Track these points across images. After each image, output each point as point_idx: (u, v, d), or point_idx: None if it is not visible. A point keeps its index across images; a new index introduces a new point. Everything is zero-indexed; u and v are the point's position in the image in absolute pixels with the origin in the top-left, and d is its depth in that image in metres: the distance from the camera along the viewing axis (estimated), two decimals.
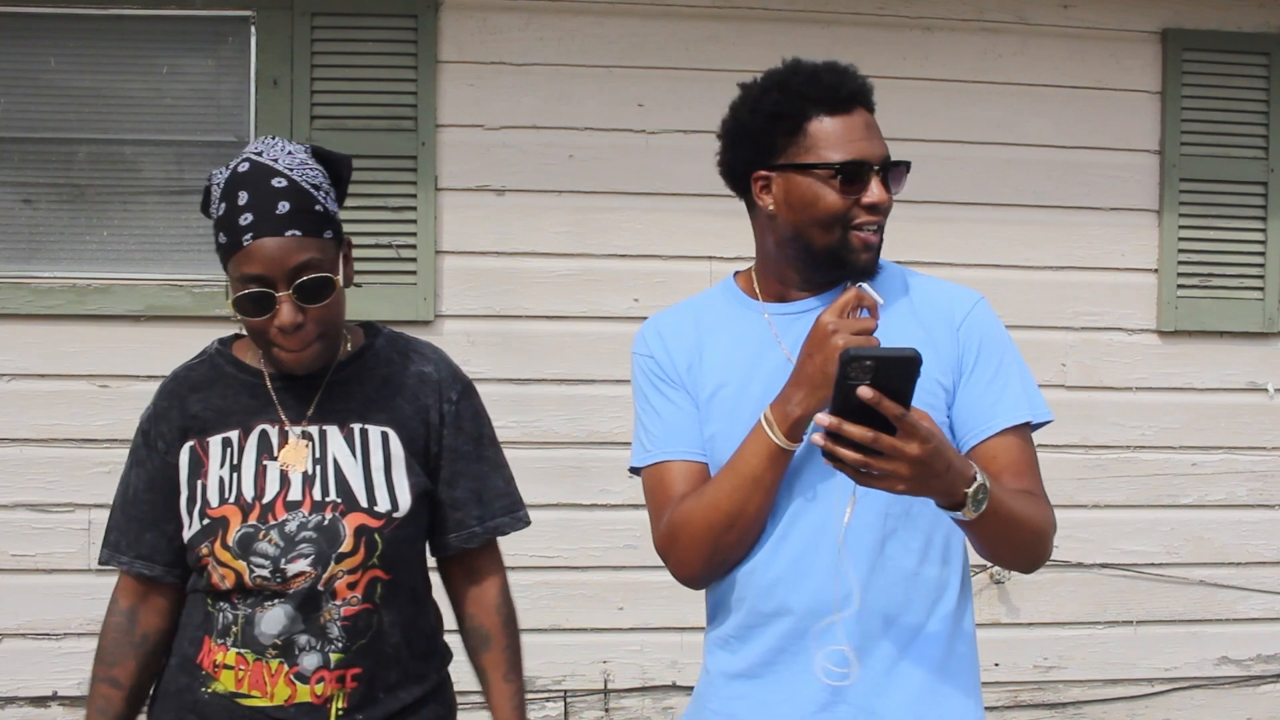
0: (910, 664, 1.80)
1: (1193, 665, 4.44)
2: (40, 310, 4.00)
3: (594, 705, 4.17)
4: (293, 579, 1.87)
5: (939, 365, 1.80)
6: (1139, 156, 4.36)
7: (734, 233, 4.30)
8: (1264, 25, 4.40)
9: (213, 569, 1.89)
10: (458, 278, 4.09)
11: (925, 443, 1.50)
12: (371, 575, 1.90)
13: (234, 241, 1.83)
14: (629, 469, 1.96)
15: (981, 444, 1.79)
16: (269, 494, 1.90)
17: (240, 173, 1.86)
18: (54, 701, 4.03)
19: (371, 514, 1.90)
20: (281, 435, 1.93)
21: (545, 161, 4.13)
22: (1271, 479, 4.44)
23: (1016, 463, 1.78)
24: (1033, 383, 1.86)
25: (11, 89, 4.06)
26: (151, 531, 1.97)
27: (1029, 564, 1.81)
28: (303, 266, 1.82)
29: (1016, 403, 1.81)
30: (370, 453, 1.93)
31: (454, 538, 2.02)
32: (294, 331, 1.83)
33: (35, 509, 4.00)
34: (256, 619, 1.88)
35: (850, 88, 1.80)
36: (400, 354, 2.02)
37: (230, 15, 4.04)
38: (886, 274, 1.90)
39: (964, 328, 1.83)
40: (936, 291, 1.88)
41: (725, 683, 1.91)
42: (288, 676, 1.87)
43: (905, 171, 1.82)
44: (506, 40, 4.12)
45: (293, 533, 1.87)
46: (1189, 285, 4.37)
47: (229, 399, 1.96)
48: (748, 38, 4.17)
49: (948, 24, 4.23)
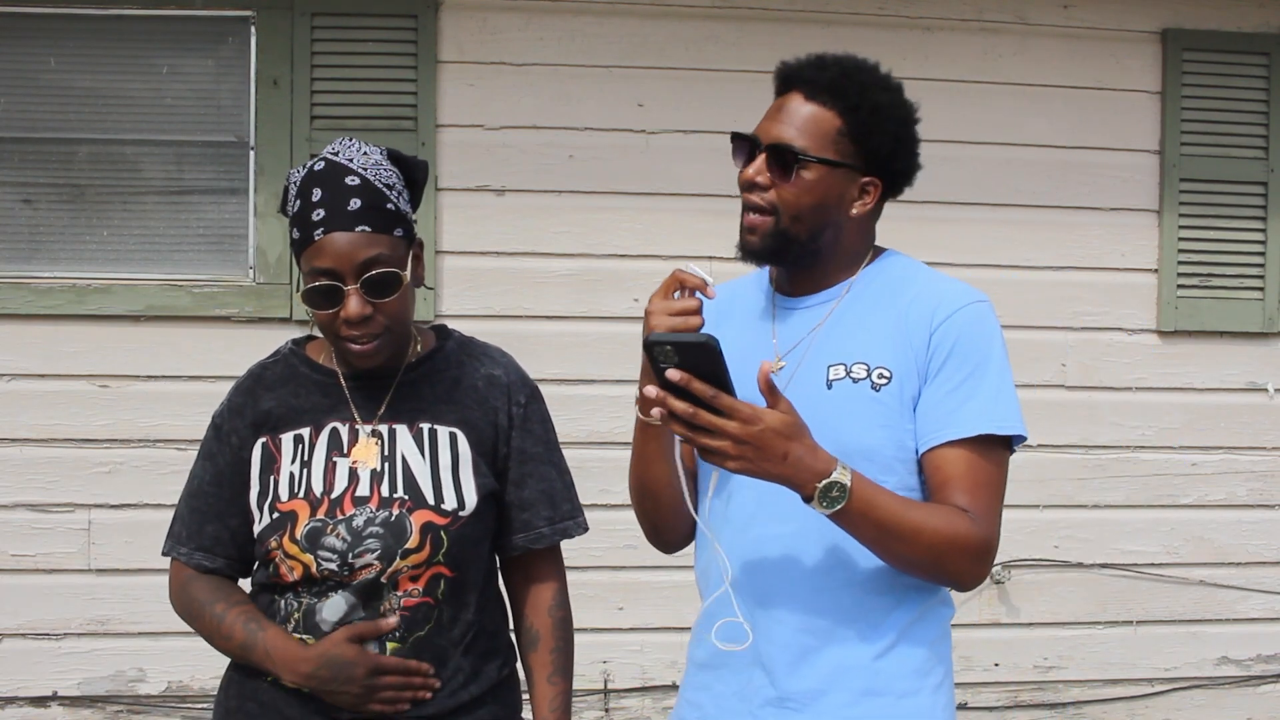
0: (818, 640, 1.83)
1: (1193, 665, 4.44)
2: (40, 310, 4.00)
3: (594, 705, 4.17)
4: (359, 572, 1.90)
5: (899, 360, 1.81)
6: (1139, 156, 4.36)
7: (734, 233, 4.29)
8: (1264, 25, 4.40)
9: (281, 561, 1.93)
10: (458, 278, 4.09)
11: (747, 424, 1.58)
12: (435, 571, 1.93)
13: (306, 236, 1.88)
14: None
15: (930, 452, 1.79)
16: (337, 489, 1.93)
17: (316, 171, 1.91)
18: (54, 701, 4.03)
19: (438, 511, 1.93)
20: (352, 433, 1.97)
21: (545, 161, 4.13)
22: (1271, 479, 4.45)
23: (961, 477, 1.77)
24: (1008, 397, 1.81)
25: (11, 89, 4.06)
26: (214, 524, 2.00)
27: (933, 578, 1.79)
28: (371, 261, 1.86)
29: (977, 415, 1.78)
30: (439, 452, 1.97)
31: (520, 538, 2.05)
32: (360, 324, 1.87)
33: (35, 509, 4.00)
34: (318, 606, 1.91)
35: (784, 72, 1.90)
36: (470, 357, 2.06)
37: (230, 15, 4.04)
38: (887, 264, 1.93)
39: (940, 330, 1.81)
40: (931, 289, 1.87)
41: (694, 671, 1.98)
42: None
43: (774, 153, 1.83)
44: (506, 40, 4.12)
45: (360, 528, 1.91)
46: (1189, 285, 4.37)
47: (302, 397, 2.00)
48: (748, 38, 4.17)
49: (948, 24, 4.23)
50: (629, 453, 1.95)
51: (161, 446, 4.01)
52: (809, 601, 1.82)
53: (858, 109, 1.84)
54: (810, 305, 1.91)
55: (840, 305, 1.89)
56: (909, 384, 1.81)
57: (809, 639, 1.82)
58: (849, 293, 1.90)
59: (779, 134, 1.84)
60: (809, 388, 1.82)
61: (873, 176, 1.87)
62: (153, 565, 3.96)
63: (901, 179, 1.92)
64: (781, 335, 1.91)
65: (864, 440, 1.79)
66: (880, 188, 1.89)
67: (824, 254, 1.89)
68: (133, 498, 4.01)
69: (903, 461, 1.81)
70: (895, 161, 1.89)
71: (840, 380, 1.82)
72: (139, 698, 4.03)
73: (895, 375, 1.81)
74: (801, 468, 1.63)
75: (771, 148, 1.84)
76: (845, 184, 1.86)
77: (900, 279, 1.90)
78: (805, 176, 1.83)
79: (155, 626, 3.96)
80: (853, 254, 1.92)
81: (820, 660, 1.82)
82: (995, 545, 1.79)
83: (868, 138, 1.85)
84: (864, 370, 1.82)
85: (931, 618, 1.87)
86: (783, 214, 1.84)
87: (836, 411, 1.79)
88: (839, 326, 1.88)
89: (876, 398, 1.80)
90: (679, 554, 2.10)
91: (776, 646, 1.83)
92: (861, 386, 1.81)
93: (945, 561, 1.74)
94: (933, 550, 1.72)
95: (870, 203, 1.88)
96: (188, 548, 2.01)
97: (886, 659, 1.82)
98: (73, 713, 4.03)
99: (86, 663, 4.01)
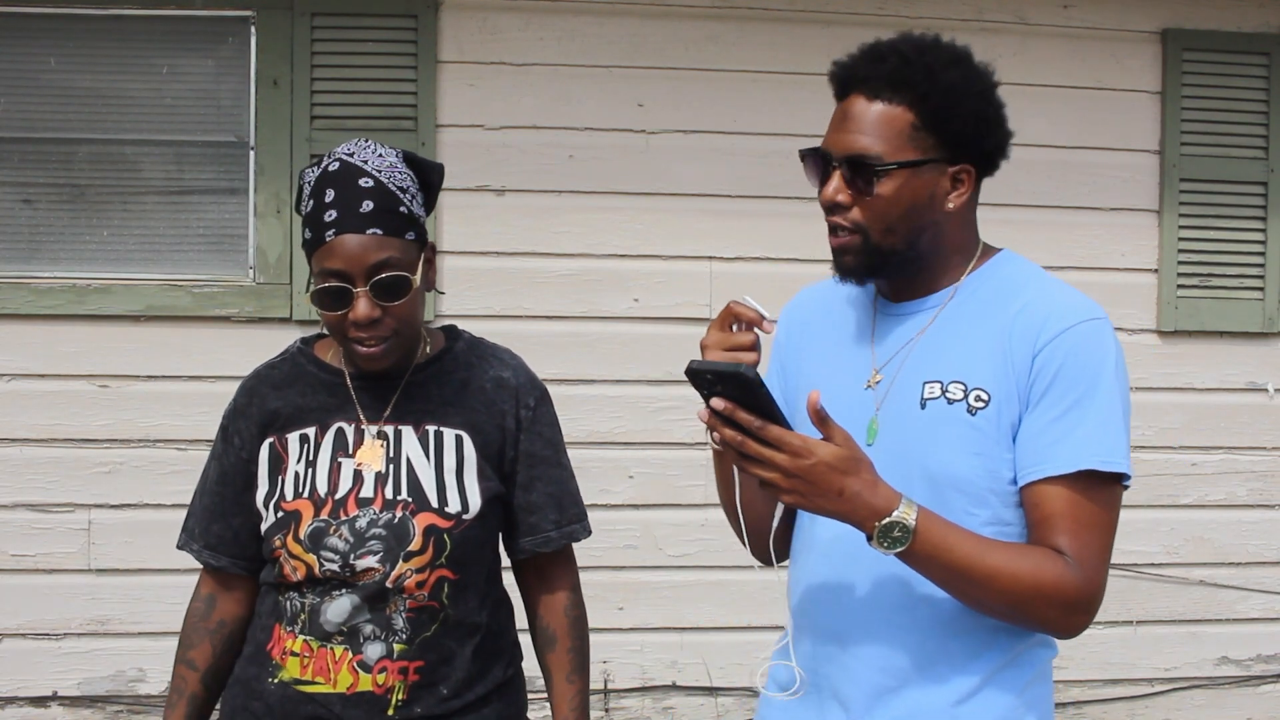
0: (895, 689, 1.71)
1: (1193, 665, 4.44)
2: (40, 310, 4.00)
3: (594, 705, 4.17)
4: (361, 574, 1.90)
5: (999, 382, 1.65)
6: (1139, 156, 4.36)
7: (734, 233, 4.31)
8: (1264, 25, 4.40)
9: (285, 560, 1.93)
10: (458, 278, 4.09)
11: (797, 456, 1.50)
12: (439, 574, 1.93)
13: (317, 237, 1.88)
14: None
15: (1029, 487, 1.64)
16: (341, 490, 1.94)
17: (330, 171, 1.90)
18: (54, 701, 4.03)
19: (441, 514, 1.93)
20: (358, 434, 1.97)
21: (545, 161, 4.13)
22: (1271, 479, 4.45)
23: (1061, 516, 1.61)
24: (1116, 430, 1.63)
25: (11, 89, 4.06)
26: (218, 523, 2.02)
27: (1020, 625, 1.65)
28: (381, 264, 1.86)
29: (1081, 448, 1.61)
30: (444, 454, 1.96)
31: (527, 542, 2.05)
32: (369, 326, 1.87)
33: (35, 509, 4.00)
34: (323, 607, 1.92)
35: (840, 74, 1.72)
36: (479, 358, 2.06)
37: (230, 15, 4.04)
38: (998, 267, 1.76)
39: (1045, 351, 1.64)
40: (1041, 302, 1.68)
41: (774, 692, 1.87)
42: (351, 664, 1.91)
43: (849, 167, 1.67)
44: (506, 40, 4.12)
45: (363, 529, 1.91)
46: (1189, 285, 4.37)
47: (308, 396, 2.00)
48: (748, 38, 4.17)
49: (948, 24, 4.22)
50: (629, 453, 1.95)
51: (161, 446, 4.01)
52: (889, 639, 1.70)
53: (928, 96, 1.66)
54: (912, 313, 1.75)
55: (943, 313, 1.73)
56: (1008, 409, 1.65)
57: (887, 679, 1.70)
58: (953, 299, 1.74)
59: (849, 144, 1.67)
60: (902, 405, 1.69)
61: (963, 163, 1.70)
62: (153, 565, 4.00)
63: (996, 155, 1.74)
64: (880, 344, 1.76)
65: (955, 469, 1.65)
66: (974, 173, 1.71)
67: (929, 256, 1.73)
68: (133, 498, 4.01)
69: (997, 494, 1.66)
70: (983, 140, 1.70)
71: (935, 400, 1.68)
72: (139, 698, 4.03)
73: (994, 399, 1.65)
74: (859, 504, 1.53)
75: (846, 162, 1.67)
76: (934, 180, 1.68)
77: (1010, 286, 1.73)
78: (888, 185, 1.66)
79: (155, 626, 3.96)
80: (958, 251, 1.75)
81: (897, 702, 1.69)
82: (1098, 593, 1.64)
83: (946, 124, 1.67)
84: (960, 390, 1.66)
85: (1025, 662, 1.72)
86: (871, 231, 1.68)
87: (928, 435, 1.66)
88: (939, 338, 1.72)
89: (972, 422, 1.65)
90: (678, 555, 2.10)
91: (853, 684, 1.72)
92: (957, 409, 1.66)
93: (1030, 609, 1.60)
94: (1013, 597, 1.59)
95: (967, 191, 1.71)
96: (198, 544, 2.04)
97: (968, 705, 1.68)
98: (73, 713, 4.03)
99: (86, 663, 4.01)
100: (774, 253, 4.14)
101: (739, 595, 4.13)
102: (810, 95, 4.31)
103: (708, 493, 4.25)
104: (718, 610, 4.16)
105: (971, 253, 1.76)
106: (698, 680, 4.19)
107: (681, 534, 4.07)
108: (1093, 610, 1.64)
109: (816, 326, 1.86)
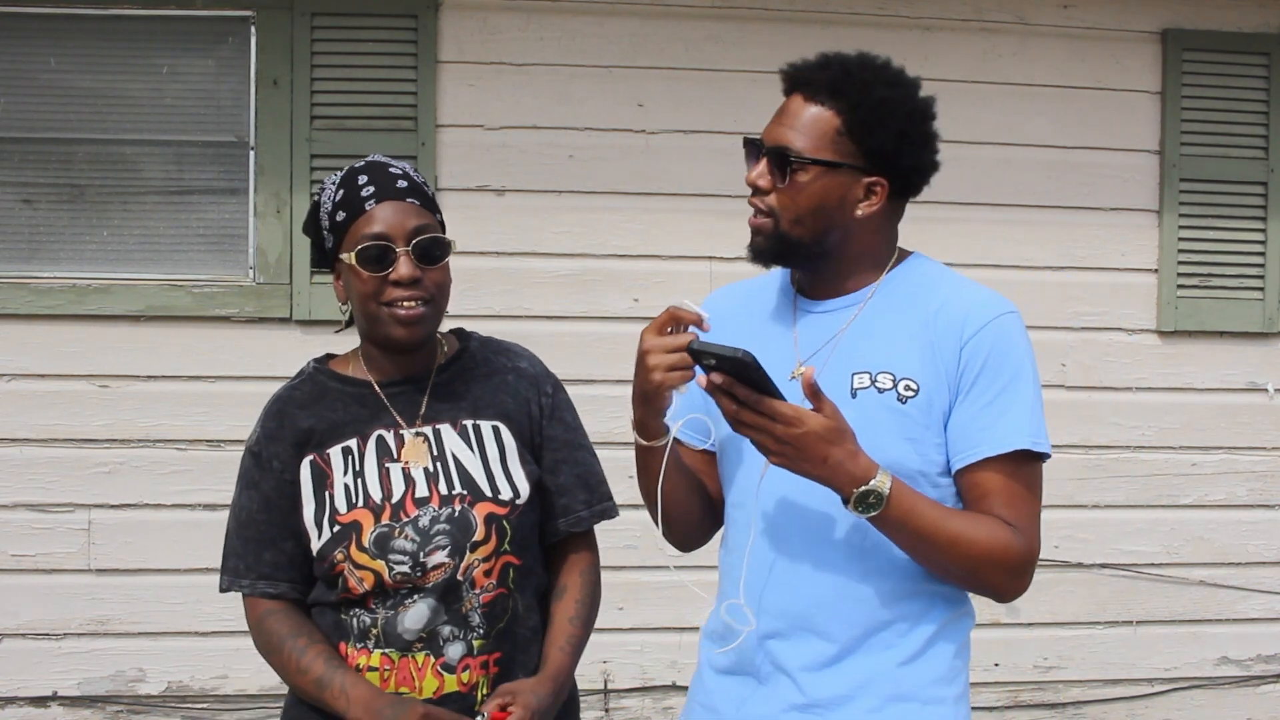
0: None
1: (1193, 665, 4.44)
2: (40, 310, 4.00)
3: (594, 705, 4.17)
4: (432, 571, 1.92)
5: (927, 373, 1.78)
6: (1139, 156, 4.36)
7: (734, 233, 4.28)
8: (1264, 25, 4.40)
9: (349, 574, 1.92)
10: (458, 278, 4.02)
11: (789, 425, 1.64)
12: (504, 561, 1.97)
13: (355, 210, 1.94)
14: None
15: (966, 469, 1.79)
16: (396, 494, 1.95)
17: (357, 167, 2.00)
18: (54, 701, 4.03)
19: (497, 502, 1.97)
20: (398, 438, 1.99)
21: (545, 161, 4.13)
22: (1271, 479, 4.45)
23: (999, 491, 1.77)
24: (1038, 413, 1.82)
25: (11, 89, 4.06)
26: (270, 550, 2.00)
27: (972, 588, 1.82)
28: (421, 228, 1.95)
29: (1013, 431, 1.78)
30: (485, 445, 2.01)
31: (562, 523, 2.08)
32: (410, 285, 1.92)
33: (35, 509, 4.00)
34: (398, 618, 1.92)
35: (787, 74, 1.86)
36: (495, 353, 2.12)
37: (230, 15, 4.04)
38: (912, 268, 1.89)
39: (970, 344, 1.78)
40: (959, 299, 1.83)
41: (712, 675, 1.96)
42: (434, 668, 1.93)
43: (772, 156, 1.81)
44: (506, 40, 4.12)
45: (426, 527, 1.93)
46: (1189, 285, 4.37)
47: (339, 411, 2.01)
48: (748, 38, 4.17)
49: (948, 24, 4.23)
50: (629, 453, 1.95)
51: (161, 446, 4.01)
52: (837, 613, 1.81)
53: (858, 106, 1.79)
54: (832, 309, 1.87)
55: (864, 311, 1.85)
56: (939, 398, 1.78)
57: (835, 649, 1.81)
58: (873, 298, 1.86)
59: (777, 136, 1.82)
60: (832, 396, 1.76)
61: (878, 176, 1.81)
62: (153, 565, 4.00)
63: (914, 177, 1.86)
64: (803, 339, 1.88)
65: (889, 453, 1.75)
66: (887, 188, 1.82)
67: (835, 256, 1.85)
68: (133, 498, 4.01)
69: (927, 475, 1.79)
70: (901, 159, 1.82)
71: (865, 390, 1.80)
72: (139, 698, 4.03)
73: (923, 388, 1.78)
74: (840, 472, 1.67)
75: (769, 151, 1.82)
76: (847, 185, 1.81)
77: (925, 284, 1.86)
78: (801, 179, 1.80)
79: (155, 626, 3.96)
80: (872, 256, 1.87)
81: (847, 667, 1.81)
82: (1035, 558, 1.81)
83: (868, 135, 1.79)
84: (889, 380, 1.79)
85: (955, 629, 1.87)
86: (782, 217, 1.82)
87: (861, 422, 1.74)
88: (863, 333, 1.83)
89: (903, 410, 1.78)
90: (678, 555, 2.11)
91: (801, 656, 1.82)
92: (887, 397, 1.78)
93: (984, 572, 1.77)
94: (971, 560, 1.75)
95: (877, 203, 1.82)
96: (249, 579, 1.99)
97: (912, 666, 1.81)
98: (73, 713, 4.03)
99: (86, 663, 4.01)
100: None
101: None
102: None
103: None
104: None
105: (885, 259, 1.89)
106: None
107: None
108: (1030, 573, 1.82)
109: (736, 320, 1.94)
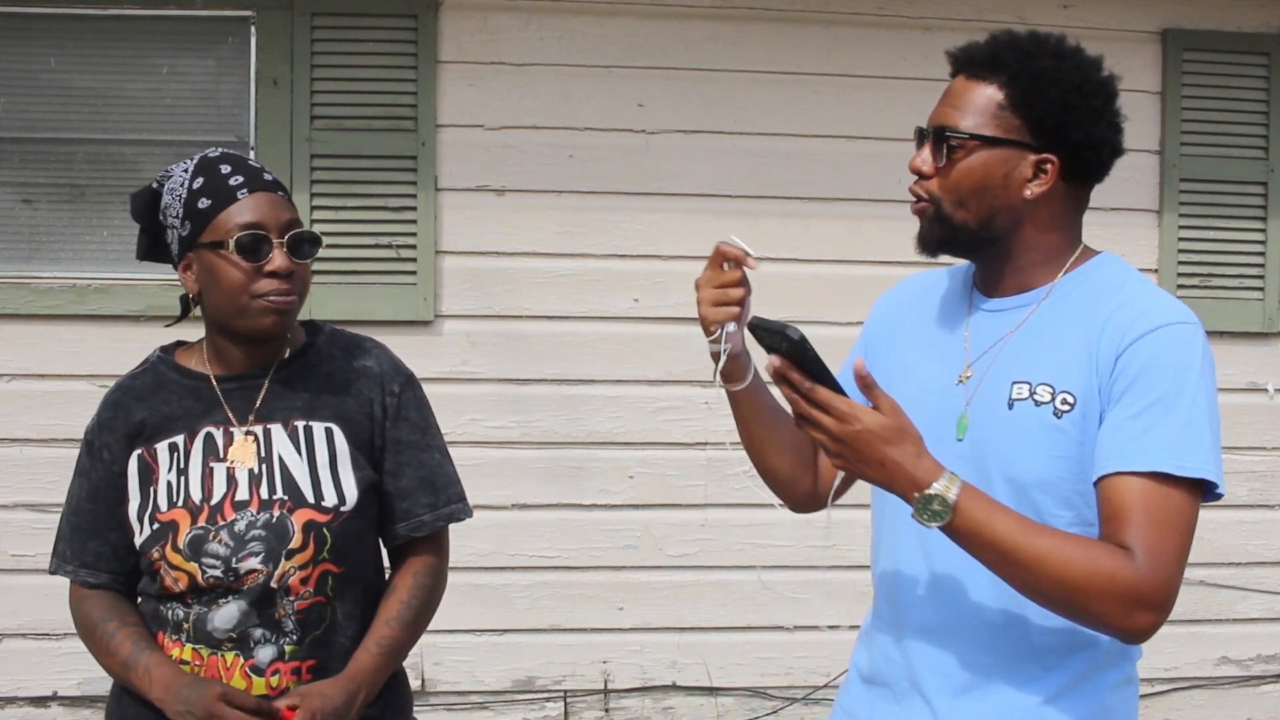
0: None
1: (1193, 665, 4.44)
2: (40, 310, 4.00)
3: (594, 705, 4.17)
4: (245, 576, 1.90)
5: (1085, 384, 1.63)
6: (1139, 156, 4.36)
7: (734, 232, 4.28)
8: (1264, 25, 4.40)
9: (165, 572, 1.92)
10: (458, 278, 4.09)
11: (842, 422, 1.52)
12: (323, 569, 1.94)
13: (225, 197, 1.90)
14: None
15: (1101, 481, 1.60)
16: (216, 495, 1.93)
17: (210, 157, 1.97)
18: (54, 701, 4.03)
19: (319, 509, 1.93)
20: (227, 436, 1.97)
21: (545, 161, 4.13)
22: (1271, 479, 4.44)
23: (1130, 509, 1.56)
24: (1198, 435, 1.58)
25: (11, 89, 4.06)
26: (95, 540, 2.00)
27: (1076, 619, 1.58)
28: (293, 222, 1.94)
29: (1156, 448, 1.57)
30: (315, 449, 1.97)
31: (402, 527, 2.04)
32: (286, 278, 1.90)
33: (35, 509, 4.00)
34: (209, 616, 1.91)
35: (951, 56, 1.81)
36: (343, 350, 2.06)
37: (230, 15, 4.04)
38: (1096, 269, 1.74)
39: (1129, 351, 1.61)
40: (1133, 305, 1.66)
41: (856, 680, 1.87)
42: (243, 669, 1.91)
43: (933, 138, 1.73)
44: (506, 40, 4.12)
45: (242, 532, 1.91)
46: (1189, 285, 4.37)
47: (174, 404, 1.99)
48: (748, 38, 4.17)
49: (948, 24, 4.22)
50: (628, 453, 1.95)
51: None
52: (979, 635, 1.70)
53: (1018, 77, 1.70)
54: (1004, 309, 1.75)
55: (1036, 312, 1.72)
56: (1092, 410, 1.63)
57: (974, 675, 1.70)
58: (1048, 298, 1.72)
59: (938, 116, 1.73)
60: (991, 403, 1.67)
61: (1046, 153, 1.69)
62: None
63: (1086, 153, 1.72)
64: (974, 339, 1.76)
65: (1041, 471, 1.64)
66: (1058, 165, 1.69)
67: (1006, 245, 1.73)
68: None
69: (1082, 495, 1.64)
70: (1069, 133, 1.69)
71: (1023, 401, 1.66)
72: None
73: (1079, 401, 1.63)
74: (900, 474, 1.53)
75: (932, 132, 1.72)
76: (1012, 162, 1.69)
77: (1106, 288, 1.70)
78: (963, 157, 1.69)
79: None
80: (1049, 250, 1.74)
81: (983, 696, 1.69)
82: (1162, 591, 1.56)
83: (1030, 108, 1.68)
84: (1048, 393, 1.65)
85: (1112, 665, 1.71)
86: (943, 200, 1.71)
87: (1014, 436, 1.65)
88: (1031, 338, 1.71)
89: (1057, 425, 1.63)
90: (677, 555, 2.09)
91: (939, 677, 1.72)
92: (1043, 411, 1.64)
93: (1083, 599, 1.53)
94: (1064, 584, 1.53)
95: (1048, 182, 1.69)
96: (72, 565, 2.02)
97: (1054, 705, 1.67)
98: (73, 713, 4.03)
99: (86, 663, 3.95)
100: (775, 252, 4.13)
101: (739, 595, 4.13)
102: (810, 95, 4.32)
103: (707, 493, 4.26)
104: (718, 610, 4.16)
105: (1068, 253, 1.75)
106: (698, 680, 4.19)
107: (681, 534, 4.06)
108: (1159, 608, 1.56)
109: (910, 314, 1.87)
